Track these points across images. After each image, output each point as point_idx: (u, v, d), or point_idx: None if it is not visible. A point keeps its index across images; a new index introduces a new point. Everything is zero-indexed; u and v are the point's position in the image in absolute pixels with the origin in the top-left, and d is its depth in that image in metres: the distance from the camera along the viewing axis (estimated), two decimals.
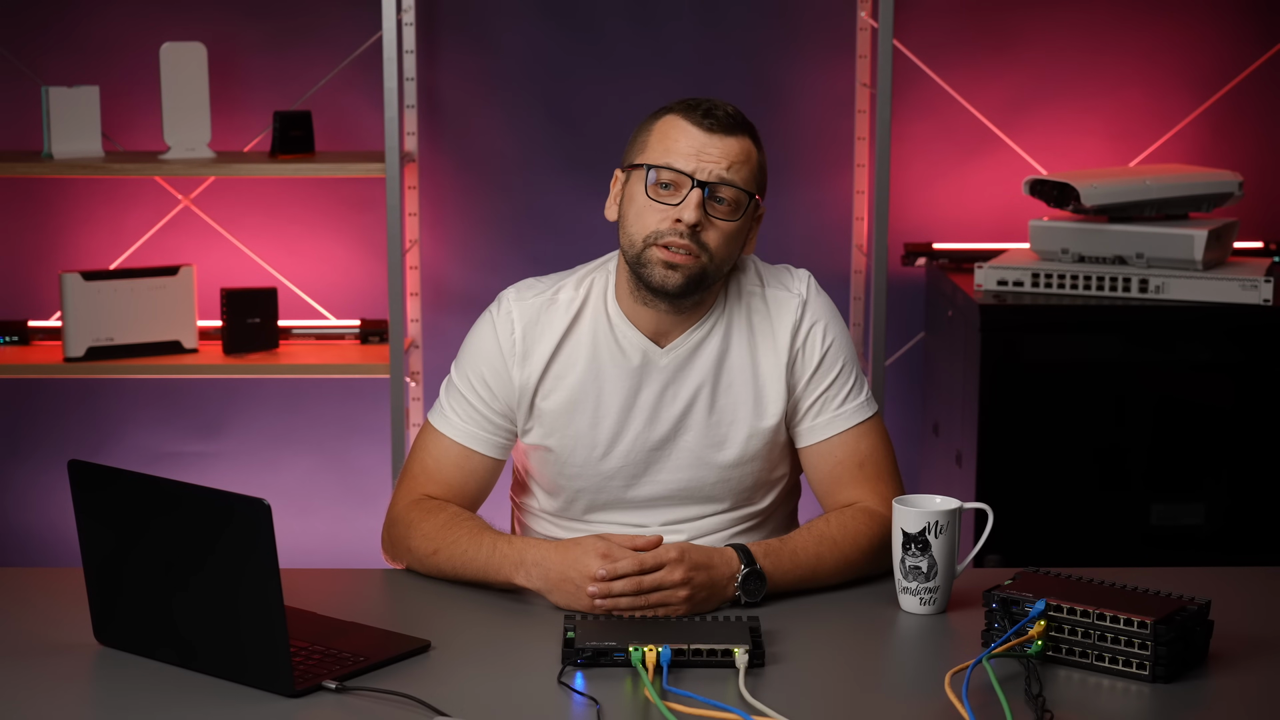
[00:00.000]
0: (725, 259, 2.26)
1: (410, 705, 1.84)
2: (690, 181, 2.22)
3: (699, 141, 2.24)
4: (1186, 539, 3.43)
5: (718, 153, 2.23)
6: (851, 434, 2.34)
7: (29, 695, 1.89)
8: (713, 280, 2.27)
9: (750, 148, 2.27)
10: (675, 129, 2.25)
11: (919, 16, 3.83)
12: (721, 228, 2.24)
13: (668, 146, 2.24)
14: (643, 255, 2.24)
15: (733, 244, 2.26)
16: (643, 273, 2.25)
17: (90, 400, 3.90)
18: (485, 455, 2.34)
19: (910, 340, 3.96)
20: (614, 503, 2.36)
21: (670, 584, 2.10)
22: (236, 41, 3.78)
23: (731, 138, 2.25)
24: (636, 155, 2.28)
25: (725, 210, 2.24)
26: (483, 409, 2.33)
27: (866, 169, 3.78)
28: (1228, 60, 3.86)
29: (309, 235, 3.86)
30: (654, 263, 2.24)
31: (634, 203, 2.26)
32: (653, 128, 2.28)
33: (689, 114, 2.26)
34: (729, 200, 2.24)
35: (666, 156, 2.24)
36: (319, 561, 3.86)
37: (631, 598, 2.09)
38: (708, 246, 2.23)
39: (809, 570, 2.20)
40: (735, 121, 2.26)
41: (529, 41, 3.82)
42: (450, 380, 2.38)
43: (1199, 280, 3.41)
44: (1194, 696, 1.89)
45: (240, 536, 1.84)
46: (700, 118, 2.25)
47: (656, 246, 2.23)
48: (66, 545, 3.82)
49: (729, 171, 2.24)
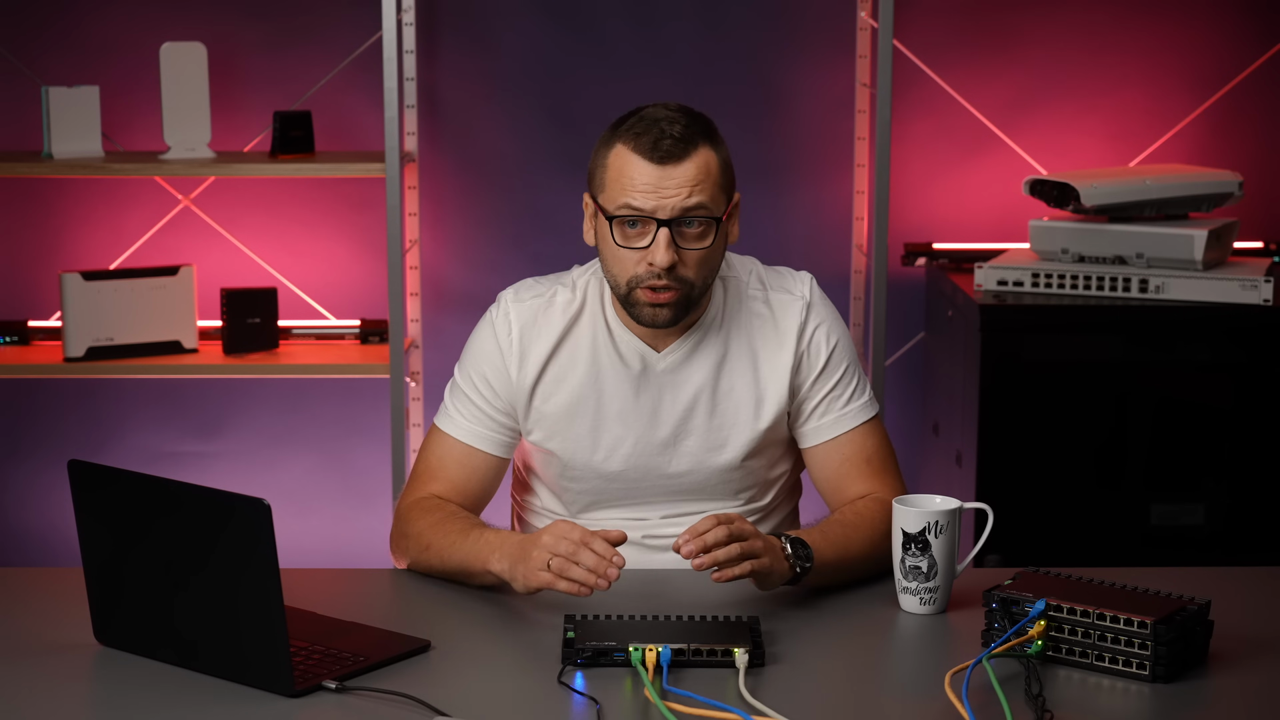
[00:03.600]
0: (710, 275, 2.26)
1: (410, 705, 1.84)
2: (655, 223, 2.19)
3: (653, 177, 2.18)
4: (1186, 539, 3.43)
5: (675, 184, 2.18)
6: (857, 432, 2.35)
7: (29, 695, 1.89)
8: (701, 297, 2.27)
9: (707, 159, 2.21)
10: (628, 165, 2.19)
11: (919, 16, 3.83)
12: (698, 254, 2.22)
13: (624, 185, 2.19)
14: (628, 297, 2.24)
15: (713, 261, 2.25)
16: (632, 311, 2.25)
17: (90, 400, 3.90)
18: (489, 453, 2.35)
19: (910, 340, 3.96)
20: (616, 500, 2.37)
21: (751, 532, 2.07)
22: (236, 41, 3.78)
23: (686, 161, 2.19)
24: (597, 191, 2.24)
25: (697, 235, 2.21)
26: (485, 408, 2.34)
27: (866, 169, 3.78)
28: (1228, 60, 3.86)
29: (309, 235, 3.86)
30: (640, 303, 2.23)
31: (606, 243, 2.24)
32: (607, 161, 2.22)
33: (638, 146, 2.19)
34: (699, 225, 2.21)
35: (624, 196, 2.19)
36: (319, 561, 3.86)
37: (729, 549, 2.03)
38: (688, 277, 2.22)
39: (841, 548, 2.19)
40: (686, 139, 2.19)
41: (529, 41, 3.82)
42: (454, 381, 2.39)
43: (1199, 280, 3.41)
44: (1194, 696, 1.89)
45: (240, 536, 1.84)
46: (650, 150, 2.18)
47: (639, 289, 2.22)
48: (66, 545, 3.82)
49: (692, 198, 2.19)
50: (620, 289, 2.25)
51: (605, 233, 2.23)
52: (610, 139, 2.24)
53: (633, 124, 2.22)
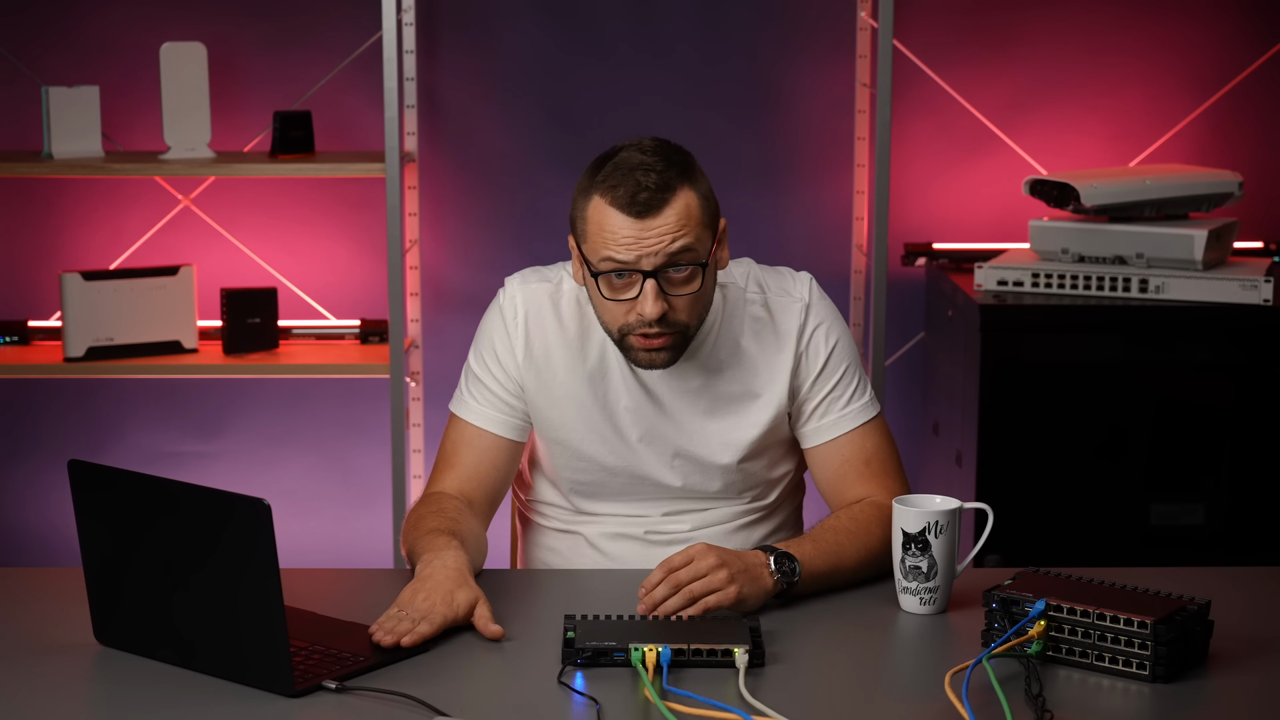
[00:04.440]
0: (704, 312, 2.25)
1: (410, 705, 1.84)
2: (640, 274, 2.17)
3: (633, 230, 2.15)
4: (1186, 539, 3.43)
5: (655, 235, 2.15)
6: (857, 433, 2.35)
7: (29, 695, 1.88)
8: (697, 331, 2.26)
9: (688, 201, 2.17)
10: (607, 219, 2.16)
11: (919, 16, 3.83)
12: (687, 298, 2.20)
13: (605, 239, 2.16)
14: (622, 343, 2.24)
15: (705, 299, 2.24)
16: (628, 355, 2.25)
17: (90, 400, 3.90)
18: (502, 436, 2.35)
19: (910, 340, 3.96)
20: (618, 495, 2.37)
21: (708, 568, 2.07)
22: (236, 41, 3.78)
23: (665, 210, 2.15)
24: (580, 240, 2.22)
25: (684, 279, 2.19)
26: (498, 390, 2.35)
27: (866, 169, 3.78)
28: (1228, 60, 3.86)
29: (309, 235, 3.86)
30: (635, 349, 2.23)
31: (594, 292, 2.23)
32: (586, 214, 2.19)
33: (615, 200, 2.15)
34: (685, 268, 2.18)
35: (606, 249, 2.16)
36: (319, 561, 3.86)
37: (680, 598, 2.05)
38: (681, 320, 2.21)
39: (834, 557, 2.19)
40: (663, 187, 2.15)
41: (529, 41, 3.82)
42: (467, 366, 2.39)
43: (1199, 280, 3.41)
44: (1194, 696, 1.89)
45: (240, 536, 1.84)
46: (627, 204, 2.14)
47: (632, 336, 2.22)
48: (66, 545, 3.82)
49: (675, 245, 2.16)
50: (613, 335, 2.25)
51: (592, 284, 2.22)
52: (588, 189, 2.19)
53: (608, 174, 2.17)
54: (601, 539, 2.39)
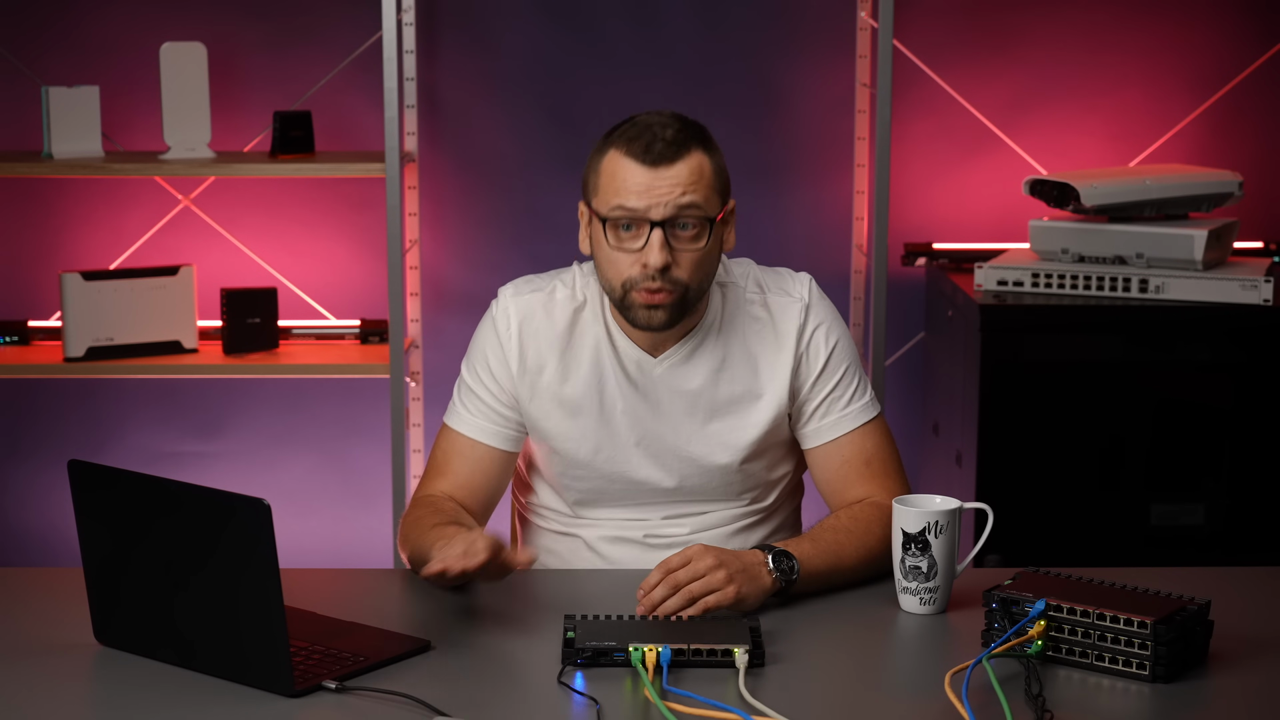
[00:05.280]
0: (705, 279, 2.26)
1: (410, 705, 1.84)
2: (648, 224, 2.20)
3: (645, 179, 2.19)
4: (1186, 539, 3.43)
5: (667, 185, 2.19)
6: (857, 434, 2.35)
7: (29, 695, 1.89)
8: (697, 300, 2.27)
9: (701, 161, 2.22)
10: (620, 168, 2.20)
11: (919, 16, 3.83)
12: (692, 255, 2.22)
13: (617, 188, 2.20)
14: (623, 300, 2.25)
15: (708, 264, 2.25)
16: (627, 315, 2.26)
17: (90, 400, 3.90)
18: (496, 448, 2.35)
19: (910, 340, 3.96)
20: (617, 499, 2.37)
21: (706, 568, 2.08)
22: (236, 41, 3.78)
23: (678, 163, 2.20)
24: (591, 196, 2.25)
25: (691, 236, 2.21)
26: (491, 401, 2.35)
27: (866, 169, 3.78)
28: (1228, 60, 3.86)
29: (309, 235, 3.86)
30: (635, 306, 2.24)
31: (601, 248, 2.25)
32: (600, 167, 2.24)
33: (630, 150, 2.20)
34: (692, 226, 2.21)
35: (617, 198, 2.20)
36: (319, 561, 3.86)
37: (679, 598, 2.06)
38: (682, 279, 2.22)
39: (833, 556, 2.20)
40: (679, 143, 2.20)
41: (529, 41, 3.82)
42: (461, 378, 2.40)
43: (1199, 280, 3.41)
44: (1194, 696, 1.89)
45: (240, 536, 1.84)
46: (642, 154, 2.19)
47: (634, 291, 2.22)
48: (66, 545, 3.82)
49: (684, 198, 2.19)
50: (615, 292, 2.25)
51: (599, 236, 2.24)
52: (603, 146, 2.25)
53: (625, 130, 2.23)
54: (600, 542, 2.39)
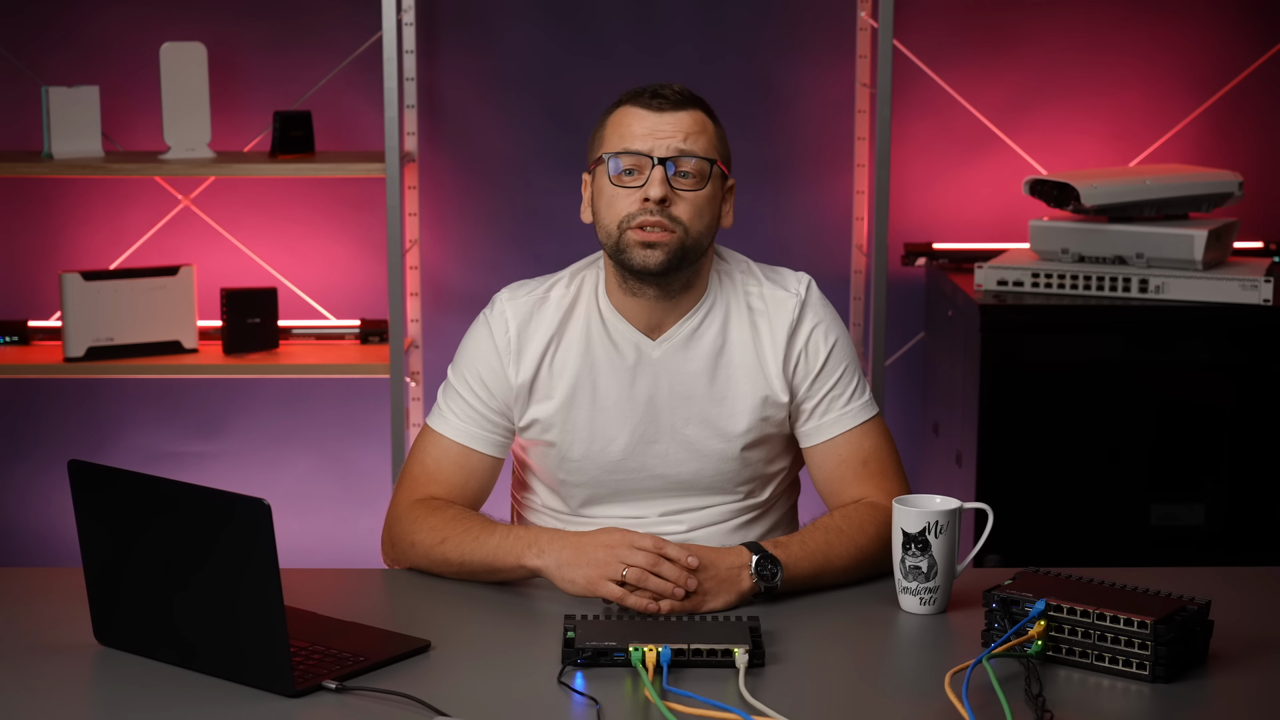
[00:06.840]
0: (702, 231, 2.28)
1: (410, 705, 1.84)
2: (650, 161, 2.25)
3: (651, 122, 2.28)
4: (1186, 539, 3.43)
5: (671, 128, 2.27)
6: (856, 433, 2.35)
7: (29, 695, 1.89)
8: (694, 255, 2.29)
9: (704, 119, 2.31)
10: (627, 116, 2.30)
11: (919, 16, 3.83)
12: (690, 199, 2.26)
13: (622, 134, 2.28)
14: (620, 241, 2.27)
15: (706, 214, 2.28)
16: (623, 259, 2.27)
17: (90, 400, 3.90)
18: (484, 454, 2.36)
19: (910, 340, 3.96)
20: (615, 495, 2.37)
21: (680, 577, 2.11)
22: (236, 41, 3.78)
23: (682, 112, 2.29)
24: (596, 151, 2.32)
25: (691, 181, 2.27)
26: (480, 408, 2.35)
27: (866, 169, 3.78)
28: (1228, 60, 3.86)
29: (309, 235, 3.86)
30: (632, 246, 2.26)
31: (603, 195, 2.29)
32: (606, 122, 2.32)
33: (637, 99, 2.30)
34: (693, 171, 2.27)
35: (623, 142, 2.27)
36: (319, 561, 3.86)
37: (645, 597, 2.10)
38: (681, 220, 2.26)
39: (821, 557, 2.21)
40: (685, 97, 2.31)
41: (529, 41, 3.82)
42: (448, 383, 2.39)
43: (1199, 280, 3.41)
44: (1194, 696, 1.89)
45: (240, 536, 1.84)
46: (649, 100, 2.29)
47: (631, 229, 2.25)
48: (66, 545, 3.82)
49: (686, 142, 2.27)
50: (612, 235, 2.27)
51: (601, 183, 2.29)
52: (611, 108, 2.34)
53: (633, 89, 2.33)
54: None
